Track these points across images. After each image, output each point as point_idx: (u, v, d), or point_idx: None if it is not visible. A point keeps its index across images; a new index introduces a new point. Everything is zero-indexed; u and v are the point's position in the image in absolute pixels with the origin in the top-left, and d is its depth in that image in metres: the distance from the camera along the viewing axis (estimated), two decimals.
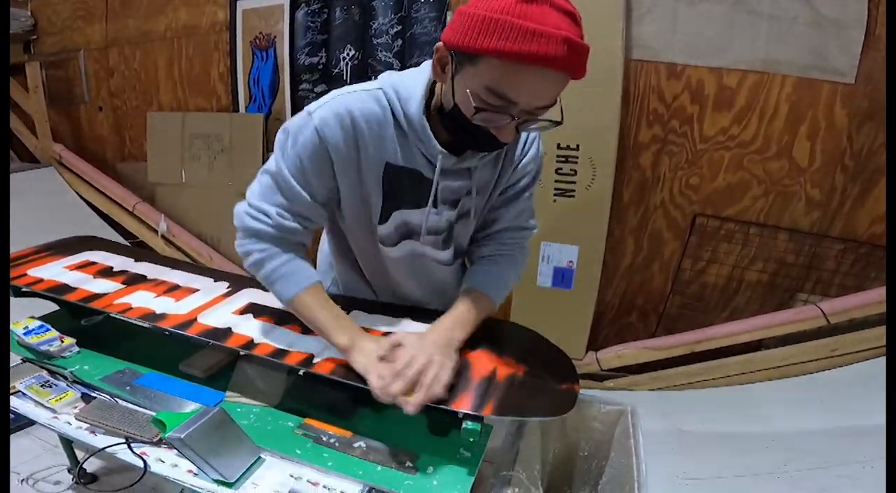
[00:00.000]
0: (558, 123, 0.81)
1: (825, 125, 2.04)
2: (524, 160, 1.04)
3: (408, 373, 0.86)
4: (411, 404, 0.84)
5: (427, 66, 0.91)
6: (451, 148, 0.93)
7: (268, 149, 2.94)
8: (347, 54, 2.72)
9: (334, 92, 0.93)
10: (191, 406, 1.05)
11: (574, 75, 0.75)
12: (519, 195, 1.07)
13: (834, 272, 2.19)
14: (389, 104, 0.90)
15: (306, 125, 0.90)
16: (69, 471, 1.52)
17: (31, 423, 1.06)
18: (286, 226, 0.96)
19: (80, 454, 1.49)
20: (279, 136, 0.95)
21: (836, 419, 1.83)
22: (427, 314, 1.11)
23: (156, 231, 3.18)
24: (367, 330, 1.06)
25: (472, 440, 0.91)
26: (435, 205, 0.98)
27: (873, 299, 1.98)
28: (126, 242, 3.03)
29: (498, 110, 0.77)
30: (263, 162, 0.98)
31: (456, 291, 1.13)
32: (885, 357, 1.93)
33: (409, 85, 0.90)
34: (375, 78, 0.95)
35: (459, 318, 1.00)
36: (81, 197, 3.38)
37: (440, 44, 0.80)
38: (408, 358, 0.88)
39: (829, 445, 1.71)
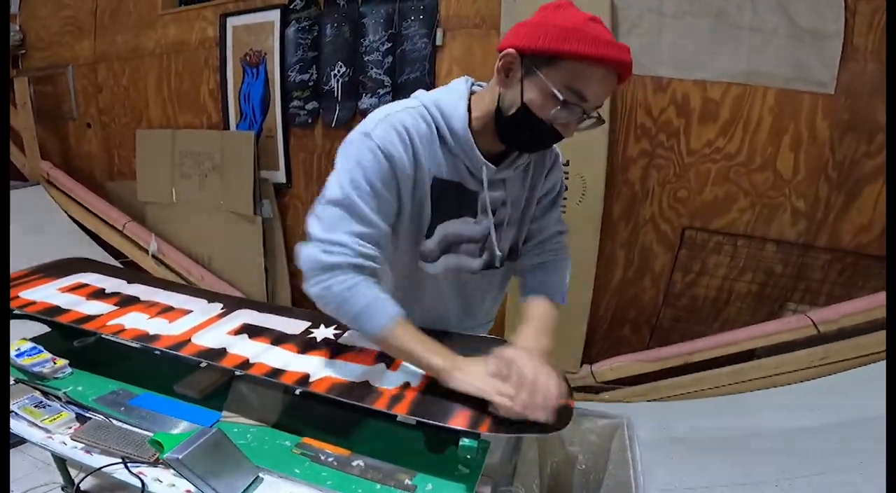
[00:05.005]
0: (603, 122, 0.93)
1: (807, 136, 2.08)
2: (553, 170, 1.12)
3: (532, 383, 0.86)
4: (545, 413, 0.84)
5: (458, 85, 0.99)
6: (493, 158, 0.99)
7: (258, 166, 2.94)
8: (338, 71, 2.74)
9: (379, 112, 0.95)
10: (182, 425, 1.05)
11: (622, 81, 0.88)
12: (554, 202, 1.16)
13: (822, 282, 2.22)
14: (434, 121, 0.95)
15: (369, 147, 0.91)
16: (63, 489, 1.50)
17: (24, 440, 1.05)
18: (366, 252, 0.92)
19: (73, 472, 1.47)
20: (339, 162, 0.94)
21: (829, 426, 1.84)
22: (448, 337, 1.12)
23: (146, 251, 3.16)
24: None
25: (470, 456, 0.91)
26: (475, 215, 1.03)
27: (862, 307, 2.01)
28: (117, 263, 3.01)
29: (570, 107, 0.86)
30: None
31: (483, 301, 1.20)
32: (875, 364, 1.95)
33: (449, 102, 0.95)
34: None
35: (540, 327, 1.05)
36: (70, 216, 3.36)
37: (509, 51, 0.87)
38: (526, 371, 0.88)
39: (824, 452, 1.72)
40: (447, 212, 1.01)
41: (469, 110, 0.96)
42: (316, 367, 1.03)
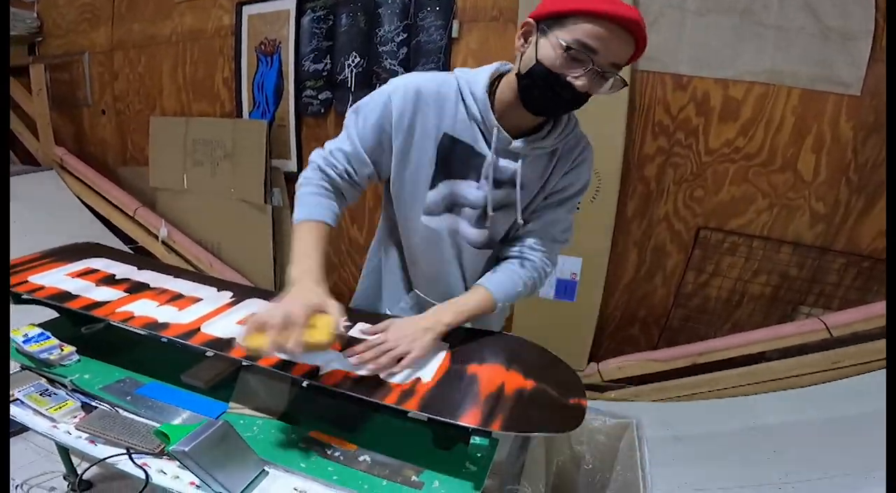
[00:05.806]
0: (626, 84, 0.96)
1: (830, 138, 2.04)
2: (576, 168, 1.11)
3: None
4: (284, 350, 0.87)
5: (488, 67, 1.07)
6: (519, 135, 1.04)
7: (270, 155, 2.93)
8: (352, 61, 2.72)
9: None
10: (185, 414, 1.04)
11: (639, 42, 0.92)
12: (561, 203, 1.14)
13: (837, 286, 2.18)
14: (458, 85, 1.05)
15: (380, 91, 1.07)
16: (65, 478, 1.50)
17: (27, 428, 1.05)
18: (332, 162, 1.09)
19: (76, 461, 1.48)
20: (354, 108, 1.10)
21: (838, 430, 1.83)
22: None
23: (156, 237, 3.17)
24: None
25: (479, 454, 0.89)
26: (478, 179, 1.07)
27: (876, 312, 1.98)
28: (127, 248, 3.02)
29: (581, 59, 0.91)
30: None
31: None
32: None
33: (475, 73, 1.06)
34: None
35: (453, 304, 1.10)
36: (82, 201, 3.38)
37: (528, 20, 0.96)
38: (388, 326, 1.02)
39: (831, 456, 1.71)
40: (454, 171, 1.08)
41: (495, 82, 1.04)
42: (326, 360, 1.02)
